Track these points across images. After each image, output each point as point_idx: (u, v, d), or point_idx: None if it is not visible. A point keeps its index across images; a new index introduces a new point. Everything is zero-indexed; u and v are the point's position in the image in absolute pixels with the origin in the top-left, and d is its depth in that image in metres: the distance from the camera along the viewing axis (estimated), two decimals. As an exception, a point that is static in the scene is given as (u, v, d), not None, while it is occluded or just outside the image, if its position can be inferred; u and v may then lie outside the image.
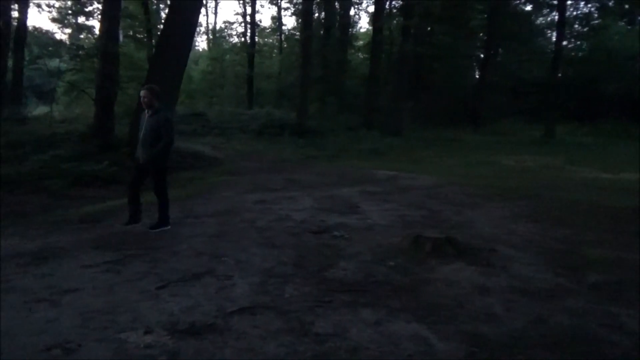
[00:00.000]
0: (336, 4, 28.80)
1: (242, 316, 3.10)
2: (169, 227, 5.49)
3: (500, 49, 29.18)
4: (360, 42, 32.89)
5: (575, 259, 4.57)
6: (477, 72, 30.58)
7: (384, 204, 7.31)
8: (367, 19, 38.13)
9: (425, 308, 3.32)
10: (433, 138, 19.91)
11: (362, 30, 36.75)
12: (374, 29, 24.25)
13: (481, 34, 28.53)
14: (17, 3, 17.49)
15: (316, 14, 27.16)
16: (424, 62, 26.70)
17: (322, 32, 27.79)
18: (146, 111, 5.44)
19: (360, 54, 32.43)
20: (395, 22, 26.81)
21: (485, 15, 26.44)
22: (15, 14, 17.32)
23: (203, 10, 37.60)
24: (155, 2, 25.95)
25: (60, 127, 14.00)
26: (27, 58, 17.57)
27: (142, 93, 5.47)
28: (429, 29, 26.63)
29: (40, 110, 21.12)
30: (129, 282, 3.72)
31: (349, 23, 30.69)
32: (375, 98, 23.33)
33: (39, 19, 70.62)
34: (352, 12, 32.08)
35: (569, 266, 4.32)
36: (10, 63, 17.19)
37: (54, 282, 3.72)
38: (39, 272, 3.96)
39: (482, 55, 27.98)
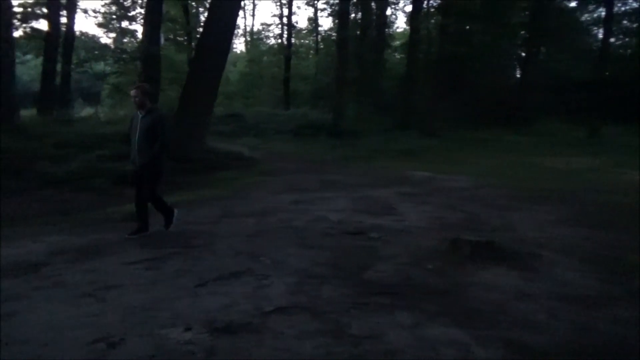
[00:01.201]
0: (373, 4, 28.63)
1: (278, 316, 3.12)
2: (149, 232, 5.25)
3: (542, 47, 28.26)
4: (397, 42, 32.59)
5: (621, 264, 4.37)
6: (517, 71, 29.73)
7: (420, 205, 7.22)
8: (404, 19, 37.71)
9: (465, 313, 3.24)
10: (471, 139, 19.49)
11: (399, 30, 36.43)
12: (411, 29, 23.98)
13: (523, 32, 27.72)
14: (65, 9, 18.26)
15: (352, 15, 27.07)
16: (463, 61, 26.18)
17: (358, 32, 27.70)
18: (138, 112, 5.15)
19: (396, 54, 32.14)
20: (433, 21, 26.41)
21: (527, 13, 25.67)
22: (63, 19, 18.08)
23: (241, 12, 38.20)
24: (194, 5, 26.54)
25: (104, 128, 14.52)
26: (74, 62, 18.31)
27: (132, 92, 5.19)
28: (467, 27, 26.11)
29: (86, 111, 21.98)
30: (169, 280, 3.81)
31: (386, 23, 30.44)
32: (412, 98, 23.07)
33: (85, 24, 73.63)
34: (389, 11, 31.86)
35: (615, 272, 4.13)
36: (59, 67, 17.95)
37: (98, 277, 3.86)
38: (84, 268, 4.11)
39: (523, 54, 27.19)
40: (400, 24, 51.63)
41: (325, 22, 64.58)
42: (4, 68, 14.53)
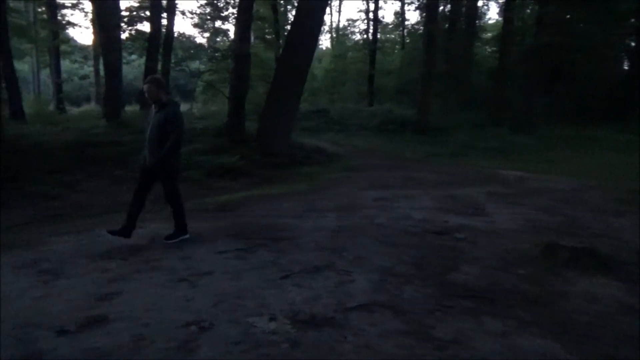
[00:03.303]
0: (463, -5, 27.53)
1: (360, 313, 3.12)
2: (188, 235, 4.91)
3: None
4: (489, 34, 31.07)
5: None
6: (625, 63, 27.06)
7: (511, 206, 6.84)
8: (497, 9, 35.85)
9: (560, 324, 3.03)
10: (571, 136, 18.06)
11: (491, 21, 34.70)
12: (505, 20, 22.74)
13: (633, 20, 25.13)
14: (166, 12, 19.54)
15: (441, 7, 26.21)
16: (562, 53, 24.34)
17: (447, 25, 26.80)
18: (153, 106, 4.81)
19: (487, 47, 30.65)
20: (528, 10, 24.82)
21: (638, -2, 23.22)
22: (164, 21, 19.37)
23: (327, 9, 38.54)
24: (283, 3, 27.20)
25: (198, 122, 15.39)
26: (173, 61, 19.56)
27: (145, 87, 4.76)
28: (567, 16, 24.19)
29: (182, 107, 23.45)
30: (255, 270, 3.95)
31: (476, 14, 29.13)
32: (504, 93, 21.89)
33: (182, 25, 78.61)
34: (480, 2, 30.47)
35: None
36: (159, 66, 19.28)
37: (192, 264, 4.10)
38: (181, 254, 4.39)
39: (632, 44, 24.68)
40: (493, 14, 49.06)
41: (412, 16, 63.23)
42: (112, 68, 15.93)
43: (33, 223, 6.08)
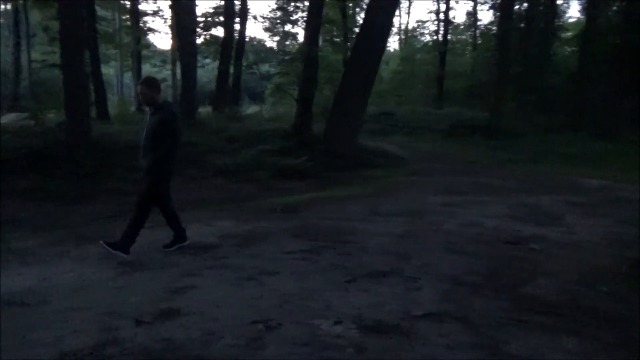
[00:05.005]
0: (541, -7, 26.15)
1: (428, 322, 3.03)
2: (128, 255, 4.32)
3: None
4: (569, 34, 29.30)
5: None
6: None
7: (593, 217, 6.39)
8: (578, 7, 33.79)
9: (650, 348, 2.77)
10: (660, 143, 16.63)
11: (572, 20, 32.68)
12: (587, 18, 21.36)
13: None
14: (239, 17, 20.22)
15: (517, 6, 25.07)
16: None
17: (522, 25, 25.57)
18: (148, 109, 4.53)
19: (567, 47, 28.91)
20: (615, 8, 23.10)
21: None
22: (237, 26, 20.05)
23: (397, 11, 38.11)
24: (351, 6, 27.25)
25: (267, 124, 15.77)
26: (244, 64, 20.20)
27: (139, 89, 4.48)
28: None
29: (252, 109, 24.14)
30: (321, 272, 3.96)
31: (555, 13, 27.57)
32: (585, 96, 20.53)
33: (253, 29, 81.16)
34: (559, 0, 28.78)
35: None
36: (231, 69, 19.99)
37: (259, 263, 4.19)
38: (248, 253, 4.51)
39: None
40: (573, 13, 46.26)
41: (485, 16, 61.06)
42: (188, 71, 16.69)
43: (115, 217, 6.49)
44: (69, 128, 9.68)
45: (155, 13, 27.23)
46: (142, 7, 26.52)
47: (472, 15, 34.01)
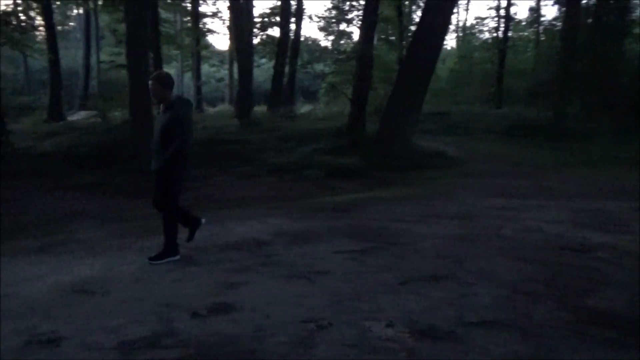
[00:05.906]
0: (613, -15, 24.60)
1: (484, 329, 2.92)
2: (178, 257, 4.25)
3: None
4: (643, 30, 27.40)
5: None
6: None
7: (667, 226, 5.93)
8: (655, 0, 31.44)
9: None
10: None
11: (646, 15, 30.53)
12: (665, 11, 19.89)
13: None
14: (294, 17, 20.46)
15: (584, 0, 23.74)
16: None
17: (590, 20, 24.18)
18: (160, 107, 4.30)
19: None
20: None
21: None
22: (292, 26, 20.31)
23: (455, 8, 37.16)
24: (407, 4, 26.85)
25: (320, 123, 15.84)
26: (299, 64, 20.42)
27: (150, 84, 4.21)
28: None
29: (306, 108, 24.39)
30: (372, 273, 3.92)
31: (628, 7, 25.86)
32: (659, 95, 19.15)
33: (308, 29, 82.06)
34: (632, -6, 26.95)
35: None
36: (286, 68, 20.27)
37: (310, 262, 4.21)
38: (299, 251, 4.54)
39: None
40: (649, 7, 43.15)
41: (549, 12, 58.27)
42: (245, 71, 17.08)
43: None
44: (133, 125, 10.17)
45: (214, 14, 28.15)
46: (202, 8, 27.40)
47: (535, 11, 32.62)
